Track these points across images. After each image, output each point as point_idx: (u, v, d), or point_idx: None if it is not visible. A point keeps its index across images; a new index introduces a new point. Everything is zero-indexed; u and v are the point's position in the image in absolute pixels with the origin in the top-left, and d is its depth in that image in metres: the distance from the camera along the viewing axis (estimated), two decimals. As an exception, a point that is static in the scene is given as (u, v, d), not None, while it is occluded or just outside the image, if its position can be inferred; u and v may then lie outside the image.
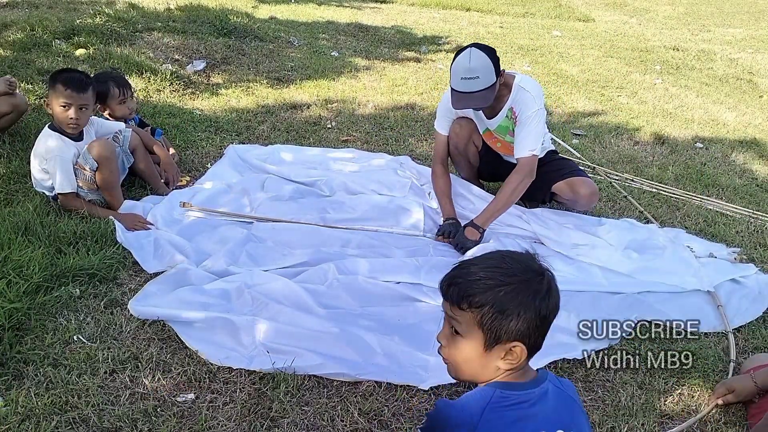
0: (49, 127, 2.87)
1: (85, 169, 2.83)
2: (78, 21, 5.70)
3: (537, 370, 1.31)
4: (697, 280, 2.72)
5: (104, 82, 3.29)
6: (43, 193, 2.89)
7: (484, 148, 3.23)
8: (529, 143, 2.86)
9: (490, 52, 2.74)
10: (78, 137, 2.88)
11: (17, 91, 3.38)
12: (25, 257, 2.30)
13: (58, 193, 2.81)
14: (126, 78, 3.43)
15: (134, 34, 5.67)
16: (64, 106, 2.78)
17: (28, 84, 4.29)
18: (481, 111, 2.98)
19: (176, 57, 5.40)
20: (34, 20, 5.56)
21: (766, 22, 12.00)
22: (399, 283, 2.56)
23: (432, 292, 2.52)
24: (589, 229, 3.11)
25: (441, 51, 7.14)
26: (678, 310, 2.51)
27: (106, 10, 6.23)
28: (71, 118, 2.80)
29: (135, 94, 3.44)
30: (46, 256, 2.39)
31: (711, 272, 2.78)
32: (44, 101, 2.83)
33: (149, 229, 2.76)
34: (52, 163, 2.79)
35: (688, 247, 2.98)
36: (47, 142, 2.82)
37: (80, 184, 2.85)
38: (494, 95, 2.79)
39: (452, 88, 2.80)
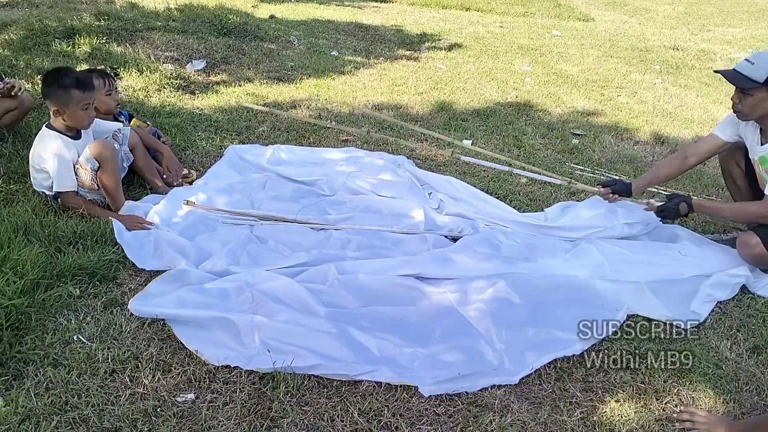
0: (47, 126, 2.86)
1: (86, 169, 2.83)
2: (78, 20, 5.70)
3: None
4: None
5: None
6: (43, 192, 2.89)
7: (750, 177, 3.02)
8: None
9: None
10: (76, 136, 2.89)
11: (19, 94, 3.38)
12: (24, 256, 2.30)
13: (58, 192, 2.81)
14: (108, 72, 3.44)
15: (134, 33, 5.67)
16: (85, 108, 2.81)
17: (27, 84, 4.30)
18: (758, 133, 2.84)
19: (176, 56, 5.40)
20: (34, 20, 5.57)
21: (765, 21, 12.00)
22: (400, 276, 2.57)
23: (435, 282, 2.54)
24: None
25: (441, 50, 7.14)
26: (680, 298, 2.56)
27: (106, 9, 6.23)
28: (91, 116, 2.87)
29: (117, 88, 3.44)
30: (45, 255, 2.39)
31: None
32: (55, 110, 2.79)
33: (149, 229, 2.75)
34: (51, 162, 2.78)
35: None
36: (46, 141, 2.82)
37: (81, 184, 2.85)
38: (750, 95, 2.68)
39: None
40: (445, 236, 3.00)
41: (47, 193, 2.88)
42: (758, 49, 9.06)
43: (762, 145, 2.83)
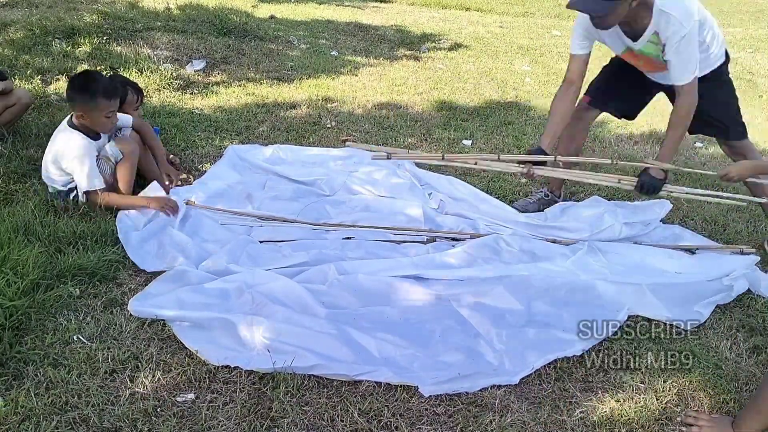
0: (69, 125, 2.86)
1: (110, 160, 2.90)
2: (78, 20, 5.70)
3: None
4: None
5: (123, 86, 3.30)
6: (56, 190, 2.89)
7: (622, 77, 3.09)
8: (687, 68, 2.73)
9: None
10: (96, 136, 2.91)
11: (15, 89, 3.41)
12: (24, 256, 2.30)
13: (88, 191, 2.82)
14: (140, 87, 3.46)
15: (134, 33, 5.68)
16: (109, 116, 2.84)
17: (28, 84, 4.30)
18: (621, 30, 2.84)
19: (176, 56, 5.40)
20: (33, 20, 5.57)
21: (765, 21, 12.00)
22: (399, 277, 2.56)
23: (435, 283, 2.54)
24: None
25: (441, 50, 7.14)
26: (679, 299, 2.54)
27: (106, 9, 6.23)
28: (114, 122, 2.90)
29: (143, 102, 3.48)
30: (45, 255, 2.39)
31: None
32: (78, 114, 2.81)
33: (177, 213, 2.83)
34: (78, 161, 2.79)
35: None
36: (71, 141, 2.82)
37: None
38: (611, 12, 2.62)
39: None
40: (446, 238, 3.00)
41: (60, 189, 2.88)
42: (758, 50, 9.06)
43: (634, 40, 2.83)
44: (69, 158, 2.81)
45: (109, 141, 2.96)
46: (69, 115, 2.93)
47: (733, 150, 3.15)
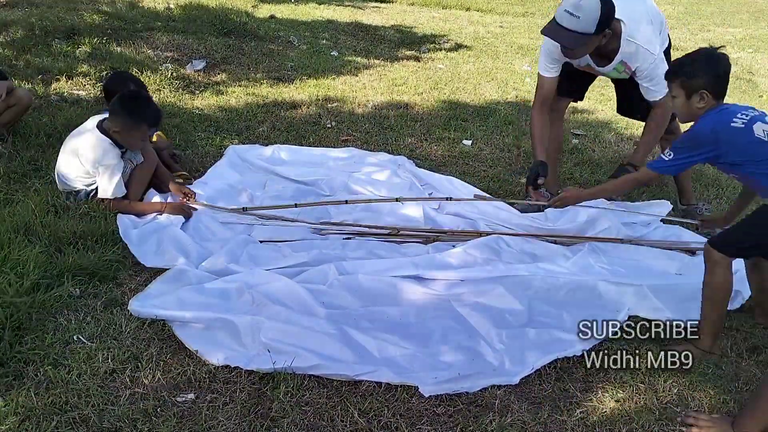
0: (101, 131, 2.87)
1: (131, 162, 2.95)
2: (78, 20, 5.70)
3: None
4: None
5: (123, 82, 3.31)
6: (66, 192, 2.90)
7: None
8: (660, 88, 2.86)
9: (605, 6, 2.66)
10: (121, 145, 2.93)
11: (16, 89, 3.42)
12: (24, 256, 2.30)
13: (112, 198, 2.84)
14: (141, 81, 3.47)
15: (134, 33, 5.68)
16: (143, 140, 2.93)
17: (28, 84, 4.30)
18: (589, 57, 2.94)
19: (176, 56, 5.40)
20: (33, 20, 5.57)
21: (765, 21, 12.00)
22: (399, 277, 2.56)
23: (435, 283, 2.54)
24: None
25: (441, 50, 7.14)
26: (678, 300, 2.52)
27: (106, 9, 6.23)
28: (144, 142, 2.97)
29: None
30: (45, 255, 2.39)
31: None
32: (115, 129, 2.84)
33: (195, 210, 2.92)
34: (109, 171, 2.82)
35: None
36: (105, 149, 2.85)
37: None
38: (584, 46, 2.73)
39: (554, 17, 2.73)
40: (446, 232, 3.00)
41: (72, 189, 2.89)
42: (758, 50, 9.05)
43: (601, 66, 2.97)
44: (98, 164, 2.82)
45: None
46: (98, 117, 2.96)
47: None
